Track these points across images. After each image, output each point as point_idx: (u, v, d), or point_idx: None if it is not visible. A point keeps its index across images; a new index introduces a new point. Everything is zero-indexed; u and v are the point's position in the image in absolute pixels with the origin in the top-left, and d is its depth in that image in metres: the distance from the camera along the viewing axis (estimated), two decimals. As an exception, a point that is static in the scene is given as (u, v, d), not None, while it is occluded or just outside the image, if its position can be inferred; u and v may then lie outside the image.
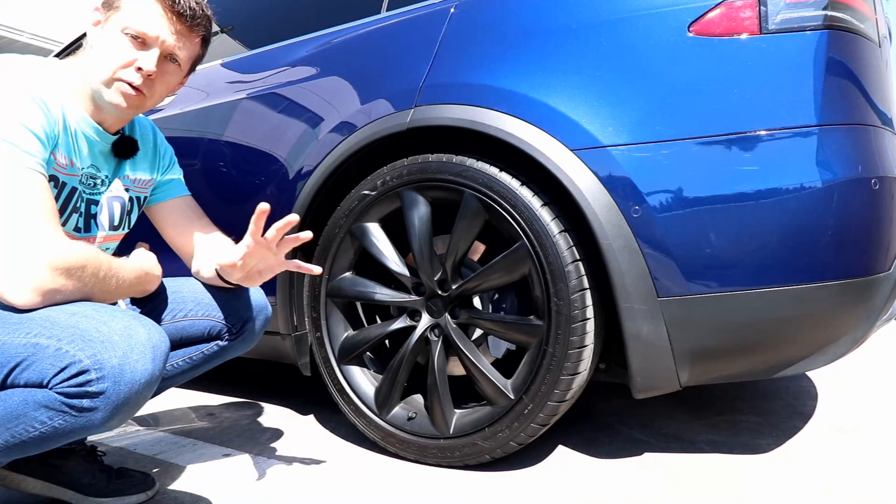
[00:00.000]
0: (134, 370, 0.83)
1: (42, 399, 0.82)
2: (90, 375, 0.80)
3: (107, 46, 1.00)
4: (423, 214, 1.37)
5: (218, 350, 1.18)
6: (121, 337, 0.84)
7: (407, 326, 1.44)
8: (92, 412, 0.82)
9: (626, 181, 1.14)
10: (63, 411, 0.82)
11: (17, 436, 0.83)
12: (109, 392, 0.81)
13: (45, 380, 0.81)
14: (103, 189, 1.12)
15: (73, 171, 1.02)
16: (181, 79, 1.12)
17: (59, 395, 0.81)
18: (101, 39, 1.01)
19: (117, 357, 0.82)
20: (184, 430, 1.71)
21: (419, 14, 1.47)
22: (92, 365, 0.81)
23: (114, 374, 0.81)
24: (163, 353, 0.88)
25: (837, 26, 1.10)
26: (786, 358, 1.19)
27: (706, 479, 1.28)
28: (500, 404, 1.30)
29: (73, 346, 0.82)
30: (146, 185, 1.21)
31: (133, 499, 1.21)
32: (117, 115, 1.07)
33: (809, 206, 1.07)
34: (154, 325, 0.90)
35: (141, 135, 1.20)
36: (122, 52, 1.00)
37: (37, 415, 0.82)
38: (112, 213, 1.13)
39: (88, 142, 1.05)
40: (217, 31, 2.06)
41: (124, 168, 1.16)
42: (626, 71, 1.17)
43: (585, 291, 1.21)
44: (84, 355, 0.81)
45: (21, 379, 0.83)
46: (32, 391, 0.82)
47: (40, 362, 0.82)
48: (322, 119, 1.54)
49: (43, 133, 0.92)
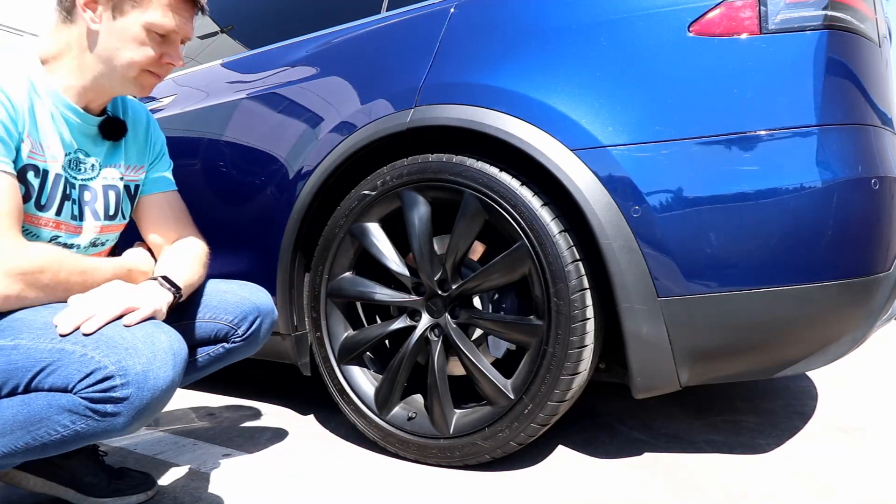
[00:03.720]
0: (157, 377, 0.84)
1: (66, 403, 0.83)
2: (115, 381, 0.82)
3: (129, 40, 1.00)
4: (423, 214, 1.37)
5: (224, 353, 1.18)
6: (144, 344, 0.85)
7: (407, 326, 1.44)
8: (115, 417, 0.83)
9: (626, 181, 1.14)
10: (86, 416, 0.83)
11: (39, 438, 0.84)
12: (133, 398, 0.83)
13: (70, 385, 0.83)
14: (94, 175, 1.10)
15: (51, 156, 1.00)
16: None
17: (84, 399, 0.82)
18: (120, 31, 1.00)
19: (141, 364, 0.84)
20: (184, 430, 1.71)
21: (419, 14, 1.47)
22: (117, 371, 0.82)
23: (138, 380, 0.83)
24: (183, 360, 0.90)
25: (837, 26, 1.10)
26: (786, 358, 1.19)
27: (706, 479, 1.28)
28: (500, 404, 1.30)
29: (98, 353, 0.83)
30: (138, 172, 1.19)
31: (133, 499, 1.21)
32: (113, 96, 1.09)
33: (809, 206, 1.07)
34: (174, 331, 0.91)
35: (133, 118, 1.19)
36: (149, 47, 1.01)
37: (60, 418, 0.83)
38: (107, 202, 1.12)
39: (69, 124, 1.03)
40: (217, 30, 2.07)
41: (117, 154, 1.14)
42: (625, 71, 1.17)
43: (585, 291, 1.21)
44: (109, 361, 0.82)
45: (45, 383, 0.84)
46: (56, 395, 0.83)
47: (66, 367, 0.83)
48: (322, 119, 1.54)
49: (2, 129, 0.91)
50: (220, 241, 1.54)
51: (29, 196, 0.97)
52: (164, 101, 2.02)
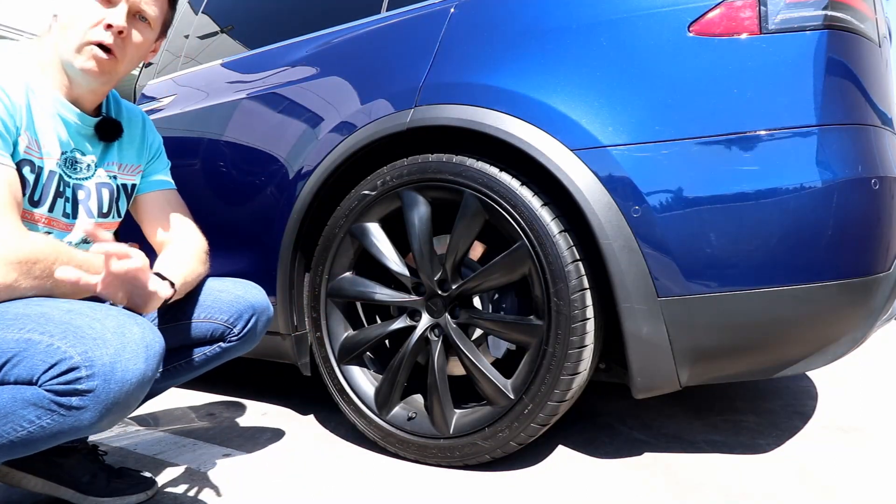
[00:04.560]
0: (125, 369, 0.81)
1: (31, 397, 0.79)
2: (80, 373, 0.78)
3: (73, 11, 0.98)
4: (423, 214, 1.37)
5: (220, 352, 1.18)
6: (114, 335, 0.82)
7: (407, 326, 1.44)
8: (80, 411, 0.79)
9: (626, 181, 1.14)
10: (51, 410, 0.79)
11: (5, 435, 0.81)
12: (99, 390, 0.79)
13: (34, 376, 0.79)
14: (89, 174, 1.10)
15: (46, 154, 1.00)
16: (153, 41, 1.09)
17: (48, 392, 0.78)
18: (67, 6, 0.99)
19: (108, 355, 0.80)
20: (184, 430, 1.71)
21: (419, 14, 1.47)
22: (82, 362, 0.78)
23: (104, 371, 0.79)
24: (156, 354, 0.86)
25: (837, 26, 1.10)
26: (786, 358, 1.19)
27: (706, 479, 1.28)
28: (500, 404, 1.30)
29: (64, 343, 0.79)
30: (134, 171, 1.19)
31: (133, 499, 1.21)
32: (91, 87, 1.04)
33: (809, 206, 1.07)
34: (150, 325, 0.88)
35: (128, 119, 1.19)
36: (88, 12, 0.98)
37: (25, 413, 0.79)
38: (101, 200, 1.12)
39: (66, 123, 1.04)
40: (217, 30, 2.07)
41: (111, 154, 1.14)
42: (625, 71, 1.17)
43: (585, 291, 1.21)
44: (75, 352, 0.79)
45: (11, 375, 0.80)
46: (21, 388, 0.80)
47: (31, 358, 0.79)
48: (322, 119, 1.54)
49: (1, 124, 0.91)
50: (220, 241, 1.54)
51: (23, 191, 0.97)
52: (164, 101, 2.02)
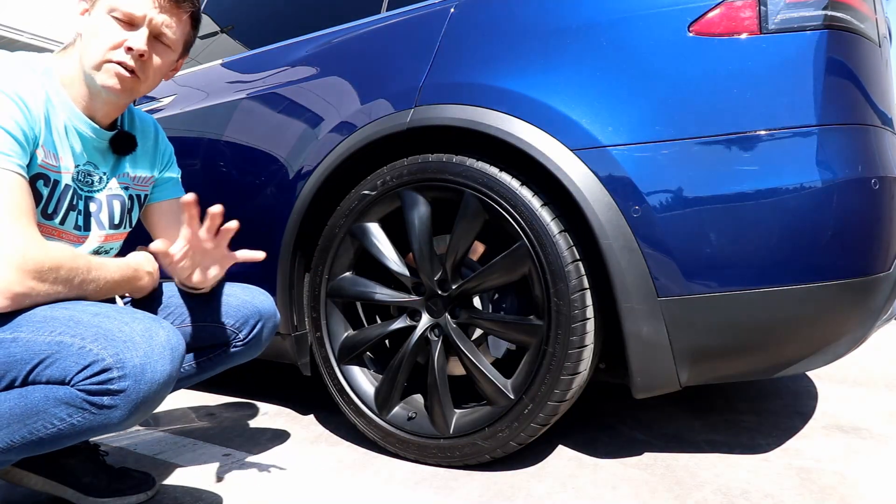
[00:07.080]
0: (154, 370, 0.85)
1: (63, 396, 0.83)
2: (112, 374, 0.82)
3: (95, 30, 0.99)
4: (423, 214, 1.37)
5: (226, 357, 1.19)
6: (142, 338, 0.86)
7: (407, 326, 1.44)
8: (111, 410, 0.84)
9: (626, 181, 1.14)
10: (83, 408, 0.83)
11: (35, 432, 0.85)
12: (130, 390, 0.83)
13: (67, 377, 0.83)
14: (101, 187, 1.11)
15: (63, 167, 1.01)
16: (174, 61, 1.10)
17: (81, 391, 0.83)
18: (89, 25, 1.00)
19: (139, 357, 0.84)
20: (184, 430, 1.71)
21: (419, 14, 1.47)
22: (115, 363, 0.83)
23: (135, 372, 0.83)
24: (180, 355, 0.91)
25: (837, 26, 1.10)
26: (786, 358, 1.19)
27: (706, 479, 1.28)
28: (500, 404, 1.30)
29: (96, 345, 0.84)
30: (146, 182, 1.21)
31: (133, 499, 1.21)
32: (111, 102, 1.05)
33: (809, 206, 1.07)
34: (172, 327, 0.92)
35: (142, 130, 1.19)
36: (110, 33, 0.99)
37: (56, 411, 0.84)
38: (112, 212, 1.13)
39: (81, 137, 1.04)
40: (217, 30, 2.07)
41: (123, 166, 1.15)
42: (625, 71, 1.17)
43: (585, 291, 1.21)
44: (107, 354, 0.83)
45: (43, 376, 0.84)
46: (54, 388, 0.84)
47: (64, 360, 0.83)
48: (322, 119, 1.54)
49: (20, 132, 0.91)
50: (220, 241, 1.54)
51: (37, 204, 0.97)
52: (164, 101, 2.02)
